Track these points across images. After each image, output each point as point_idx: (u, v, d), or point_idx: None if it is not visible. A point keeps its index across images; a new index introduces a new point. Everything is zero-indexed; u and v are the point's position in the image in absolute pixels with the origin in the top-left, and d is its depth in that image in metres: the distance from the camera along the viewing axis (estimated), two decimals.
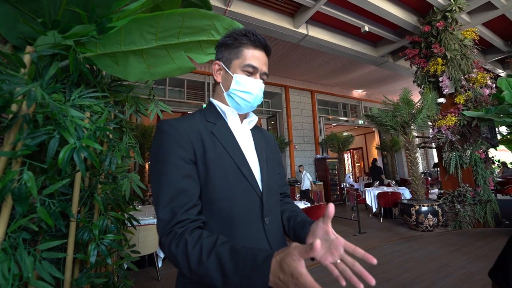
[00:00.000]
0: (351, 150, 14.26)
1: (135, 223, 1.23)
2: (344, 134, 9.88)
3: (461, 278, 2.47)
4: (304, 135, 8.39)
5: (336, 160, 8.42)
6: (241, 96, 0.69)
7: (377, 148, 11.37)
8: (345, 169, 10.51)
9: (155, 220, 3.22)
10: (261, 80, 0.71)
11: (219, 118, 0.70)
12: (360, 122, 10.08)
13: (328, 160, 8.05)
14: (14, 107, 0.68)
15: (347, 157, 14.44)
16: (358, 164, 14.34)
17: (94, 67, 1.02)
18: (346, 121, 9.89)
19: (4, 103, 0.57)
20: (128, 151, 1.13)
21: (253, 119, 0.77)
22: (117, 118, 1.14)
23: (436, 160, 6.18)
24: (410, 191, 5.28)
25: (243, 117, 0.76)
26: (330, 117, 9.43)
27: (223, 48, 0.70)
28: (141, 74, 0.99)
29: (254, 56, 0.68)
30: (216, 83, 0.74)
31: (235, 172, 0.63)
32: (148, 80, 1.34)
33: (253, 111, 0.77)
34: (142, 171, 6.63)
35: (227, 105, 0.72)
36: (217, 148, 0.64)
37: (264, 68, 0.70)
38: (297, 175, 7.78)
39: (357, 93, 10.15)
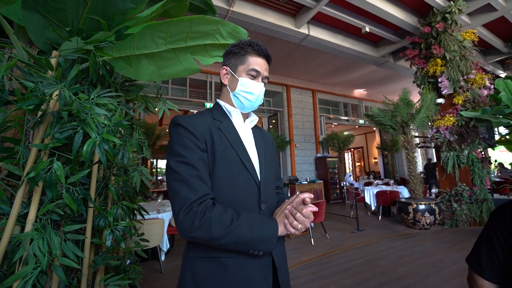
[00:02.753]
0: (352, 149, 14.33)
1: (138, 216, 1.32)
2: (345, 133, 9.95)
3: (454, 273, 2.56)
4: (305, 134, 8.47)
5: (337, 159, 8.50)
6: (245, 96, 0.80)
7: (377, 147, 11.43)
8: (345, 168, 10.59)
9: (158, 215, 3.33)
10: (263, 83, 0.82)
11: (225, 117, 0.81)
12: (361, 121, 10.14)
13: (328, 159, 8.13)
14: (43, 106, 0.76)
15: (347, 156, 14.51)
16: (359, 164, 14.41)
17: (109, 68, 1.10)
18: (347, 120, 9.95)
19: (39, 102, 0.66)
20: (139, 146, 1.22)
21: (254, 119, 0.88)
22: (128, 115, 1.23)
23: (435, 160, 6.27)
24: (408, 190, 5.36)
25: (245, 116, 0.86)
26: (331, 116, 9.49)
27: (230, 55, 0.82)
28: (151, 75, 1.08)
29: (257, 63, 0.80)
30: (222, 85, 0.85)
31: (238, 164, 0.74)
32: (156, 80, 1.43)
33: (254, 111, 0.88)
34: (146, 167, 6.74)
35: (233, 105, 0.83)
36: (223, 142, 0.74)
37: (266, 73, 0.82)
38: (297, 174, 7.87)
39: (358, 92, 10.20)
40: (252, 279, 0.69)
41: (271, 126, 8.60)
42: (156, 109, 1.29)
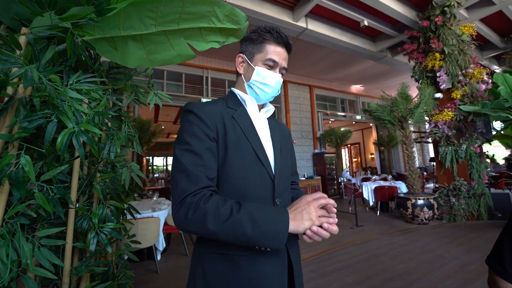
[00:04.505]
0: (349, 145, 14.35)
1: (135, 214, 1.22)
2: (342, 129, 9.91)
3: (455, 268, 2.52)
4: (303, 130, 8.40)
5: (334, 155, 8.46)
6: (260, 87, 0.75)
7: (374, 143, 11.44)
8: (342, 163, 10.58)
9: (153, 214, 3.22)
10: (280, 74, 0.76)
11: (239, 105, 0.77)
12: (358, 117, 10.10)
13: (326, 155, 8.08)
14: (10, 90, 0.65)
15: (344, 152, 14.53)
16: (356, 159, 14.45)
17: (92, 53, 0.99)
18: (344, 116, 9.90)
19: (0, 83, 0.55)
20: (128, 140, 1.12)
21: (270, 109, 0.83)
22: (116, 106, 1.12)
23: (432, 155, 6.27)
24: (406, 185, 5.34)
25: (261, 106, 0.83)
26: (329, 112, 9.43)
27: (247, 43, 0.77)
28: (140, 60, 0.97)
29: (276, 52, 0.74)
30: (238, 74, 0.81)
31: (251, 155, 0.69)
32: (148, 69, 1.32)
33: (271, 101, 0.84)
34: (140, 165, 6.59)
35: (247, 94, 0.79)
36: (236, 131, 0.70)
37: (284, 63, 0.77)
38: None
39: (355, 88, 10.15)
40: (267, 281, 0.62)
41: None
42: (147, 100, 1.18)
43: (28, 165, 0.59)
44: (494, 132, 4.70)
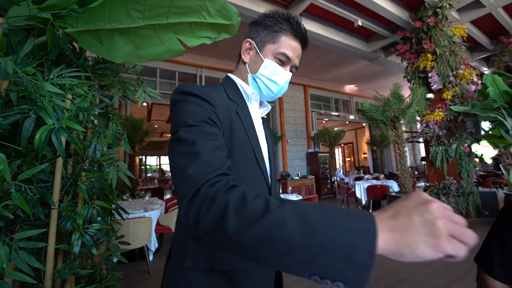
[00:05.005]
0: (342, 144, 14.48)
1: (124, 214, 1.18)
2: (335, 129, 9.99)
3: (445, 265, 2.57)
4: (297, 129, 8.42)
5: (328, 154, 8.52)
6: (266, 83, 0.65)
7: (367, 143, 11.57)
8: (335, 163, 10.67)
9: (145, 214, 3.17)
10: (291, 73, 0.67)
11: (241, 98, 0.65)
12: (351, 117, 10.20)
13: (319, 155, 8.13)
14: None
15: (338, 151, 14.66)
16: (349, 159, 14.60)
17: (76, 47, 0.95)
18: (338, 116, 9.98)
19: None
20: (115, 138, 1.08)
21: (267, 108, 0.74)
22: (103, 103, 1.08)
23: (423, 155, 6.42)
24: (398, 184, 5.42)
25: (261, 103, 0.73)
26: (322, 112, 9.48)
27: (260, 27, 0.66)
28: (127, 55, 0.94)
29: (291, 46, 0.64)
30: (241, 62, 0.69)
31: (252, 160, 0.60)
32: (136, 65, 1.28)
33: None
34: (132, 164, 6.48)
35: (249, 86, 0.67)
36: (241, 131, 0.59)
37: (297, 61, 0.67)
38: (289, 169, 7.83)
39: (349, 88, 10.24)
40: None
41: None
42: (136, 96, 1.15)
43: (3, 164, 0.55)
44: (482, 132, 4.82)
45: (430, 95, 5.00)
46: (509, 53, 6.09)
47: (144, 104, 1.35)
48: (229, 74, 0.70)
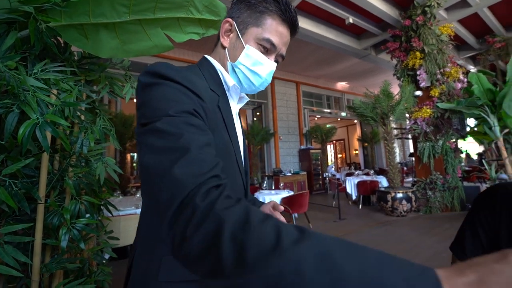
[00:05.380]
0: (334, 141, 14.66)
1: (115, 211, 1.18)
2: (328, 126, 10.11)
3: (430, 257, 2.68)
4: (289, 126, 8.48)
5: (319, 151, 8.63)
6: (247, 74, 0.56)
7: (358, 139, 11.76)
8: (327, 159, 10.82)
9: (136, 210, 3.15)
10: (275, 63, 0.58)
11: (221, 89, 0.55)
12: (343, 114, 10.33)
13: (311, 151, 8.23)
14: None
15: (330, 148, 14.85)
16: (341, 155, 14.81)
17: (61, 41, 0.94)
18: (330, 113, 10.09)
19: None
20: (103, 134, 1.08)
21: (245, 99, 0.65)
22: (90, 98, 1.07)
23: (412, 151, 6.60)
24: (387, 180, 5.56)
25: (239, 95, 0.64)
26: (315, 108, 9.57)
27: (242, 6, 0.55)
28: (113, 50, 0.93)
29: (278, 31, 0.54)
30: (221, 45, 0.58)
31: (231, 157, 0.53)
32: (124, 60, 1.27)
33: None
34: (123, 161, 6.38)
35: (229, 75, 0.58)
36: (221, 128, 0.51)
37: (283, 49, 0.58)
38: (281, 165, 7.90)
39: (341, 85, 10.35)
40: None
41: (255, 119, 8.50)
42: (123, 92, 1.14)
43: None
44: (468, 129, 4.99)
45: (418, 93, 5.12)
46: (493, 52, 6.29)
47: (135, 100, 1.35)
48: (208, 57, 0.58)
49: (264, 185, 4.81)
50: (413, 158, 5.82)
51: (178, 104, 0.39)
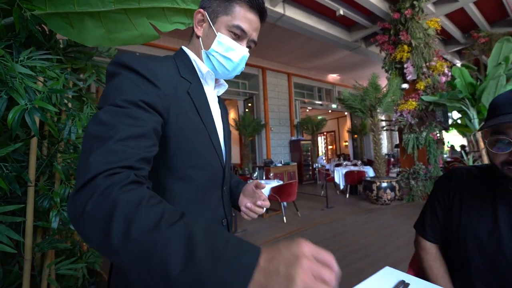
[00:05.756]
0: (325, 133, 14.88)
1: None
2: (319, 117, 10.24)
3: (408, 241, 2.86)
4: (280, 117, 8.54)
5: (310, 142, 8.78)
6: (220, 60, 0.60)
7: (348, 131, 11.99)
8: (318, 150, 11.02)
9: None
10: (247, 48, 0.62)
11: (195, 76, 0.60)
12: (334, 106, 10.47)
13: (302, 142, 8.36)
14: None
15: (321, 139, 15.08)
16: (331, 147, 15.08)
17: (46, 29, 0.95)
18: (321, 105, 10.20)
19: None
20: None
21: (224, 87, 0.70)
22: (76, 86, 1.09)
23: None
24: (373, 170, 5.77)
25: (216, 81, 0.68)
26: (306, 100, 9.64)
27: None
28: (99, 39, 0.95)
29: (246, 18, 0.58)
30: (195, 35, 0.62)
31: (206, 142, 0.58)
32: (111, 48, 1.28)
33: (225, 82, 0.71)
34: None
35: (203, 62, 0.62)
36: (192, 113, 0.55)
37: (254, 35, 0.62)
38: (272, 156, 8.01)
39: (332, 77, 10.42)
40: None
41: (247, 110, 8.51)
42: None
43: None
44: (450, 121, 5.20)
45: (405, 85, 5.26)
46: (478, 47, 6.48)
47: None
48: (184, 47, 0.63)
49: (255, 175, 4.91)
50: (399, 149, 6.04)
51: (127, 94, 0.44)
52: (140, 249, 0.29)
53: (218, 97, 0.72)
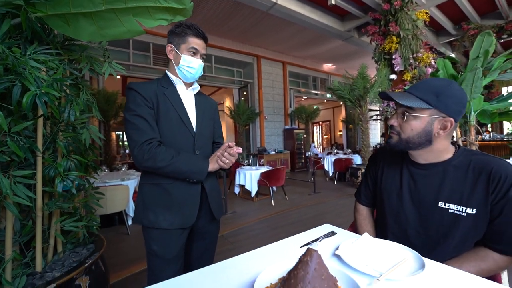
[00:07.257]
0: (320, 122, 15.07)
1: (101, 183, 1.42)
2: (314, 107, 10.38)
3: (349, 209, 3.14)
4: (275, 106, 8.68)
5: (303, 131, 8.98)
6: (187, 69, 1.03)
7: (342, 121, 12.19)
8: (313, 139, 11.25)
9: (122, 182, 3.40)
10: (201, 59, 1.06)
11: (171, 85, 1.06)
12: (328, 96, 10.59)
13: (295, 131, 8.57)
14: None
15: (316, 129, 15.28)
16: (326, 136, 15.33)
17: (46, 26, 1.11)
18: (316, 94, 10.32)
19: None
20: (86, 106, 1.29)
21: (196, 87, 1.14)
22: (73, 75, 1.27)
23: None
24: (361, 158, 6.03)
25: (189, 85, 1.11)
26: (302, 90, 9.75)
27: (174, 35, 1.04)
28: (92, 34, 1.12)
29: (196, 42, 1.03)
30: (169, 60, 1.08)
31: (178, 121, 1.02)
32: (102, 41, 1.44)
33: (202, 82, 1.18)
34: (108, 139, 6.45)
35: (177, 76, 1.06)
36: (167, 105, 1.01)
37: (203, 51, 1.06)
38: (266, 144, 8.22)
39: (327, 66, 10.48)
40: (185, 198, 0.99)
41: (242, 98, 8.62)
42: (102, 70, 1.33)
43: (1, 118, 0.78)
44: None
45: (393, 76, 5.42)
46: (468, 39, 6.58)
47: (118, 77, 1.51)
48: (166, 71, 1.09)
49: (246, 161, 5.14)
50: (384, 138, 6.27)
51: (134, 104, 0.97)
52: (171, 166, 0.93)
53: (202, 94, 1.17)
